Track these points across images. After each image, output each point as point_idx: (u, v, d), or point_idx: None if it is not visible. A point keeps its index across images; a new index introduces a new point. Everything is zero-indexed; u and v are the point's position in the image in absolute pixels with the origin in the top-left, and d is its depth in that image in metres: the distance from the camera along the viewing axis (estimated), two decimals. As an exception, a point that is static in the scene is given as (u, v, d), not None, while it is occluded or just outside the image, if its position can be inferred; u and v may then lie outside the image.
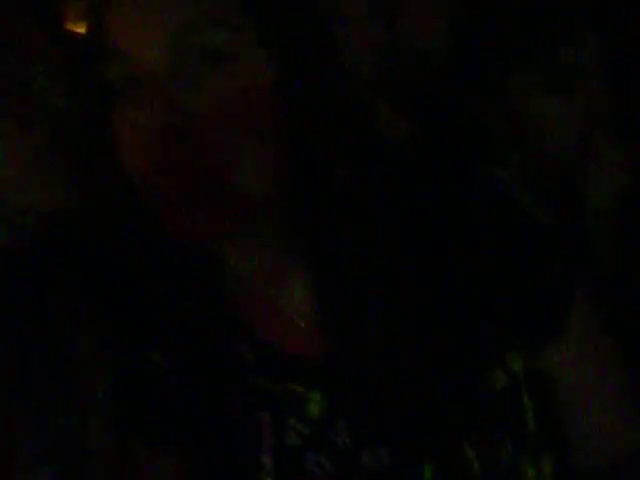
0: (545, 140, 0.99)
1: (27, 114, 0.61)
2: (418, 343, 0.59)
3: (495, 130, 1.00)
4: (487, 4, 1.02)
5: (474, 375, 0.61)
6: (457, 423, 0.60)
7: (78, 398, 0.65)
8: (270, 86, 0.55)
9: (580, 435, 0.68)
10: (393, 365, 0.59)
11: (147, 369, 0.65)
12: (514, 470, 0.62)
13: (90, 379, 0.66)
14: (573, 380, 0.67)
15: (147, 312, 0.64)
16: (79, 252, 0.66)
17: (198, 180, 0.53)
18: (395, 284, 0.59)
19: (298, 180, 0.57)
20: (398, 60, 1.46)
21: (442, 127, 1.11)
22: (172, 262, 0.62)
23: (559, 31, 0.94)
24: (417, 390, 0.59)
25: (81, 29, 0.65)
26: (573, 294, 0.65)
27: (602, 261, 0.96)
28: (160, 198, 0.55)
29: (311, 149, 0.57)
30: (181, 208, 0.54)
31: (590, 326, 0.67)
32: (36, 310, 0.65)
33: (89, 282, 0.66)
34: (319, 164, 0.57)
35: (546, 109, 0.97)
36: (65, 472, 0.62)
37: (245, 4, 0.54)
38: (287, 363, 0.63)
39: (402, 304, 0.59)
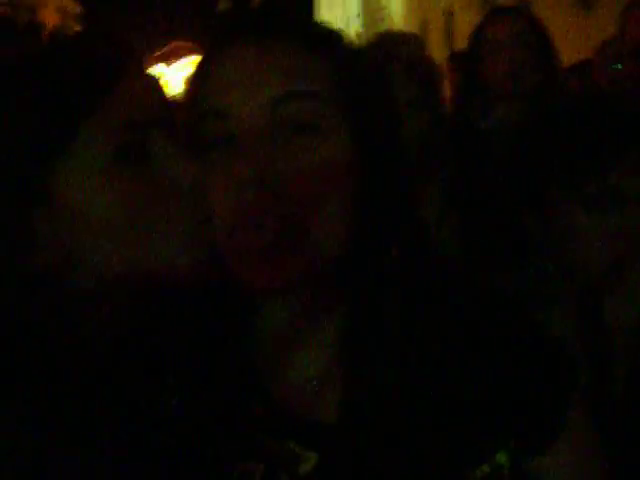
0: (578, 254, 1.04)
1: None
2: (415, 427, 0.64)
3: (535, 238, 1.07)
4: (548, 123, 1.09)
5: (459, 464, 0.65)
6: None
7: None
8: (346, 156, 0.63)
9: None
10: (389, 442, 0.64)
11: (160, 411, 0.69)
12: None
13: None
14: None
15: (173, 354, 0.69)
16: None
17: (277, 233, 0.60)
18: (408, 371, 0.64)
19: (360, 249, 0.64)
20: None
21: (488, 226, 1.18)
22: (213, 315, 0.68)
23: (607, 157, 1.00)
24: (404, 469, 0.64)
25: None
26: (567, 408, 0.70)
27: (612, 379, 0.99)
28: (240, 247, 0.61)
29: (376, 225, 0.65)
30: (256, 257, 0.61)
31: (583, 440, 0.72)
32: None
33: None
34: (381, 240, 0.65)
35: (584, 226, 1.02)
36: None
37: (334, 84, 0.63)
38: (291, 423, 0.67)
39: (409, 392, 0.64)
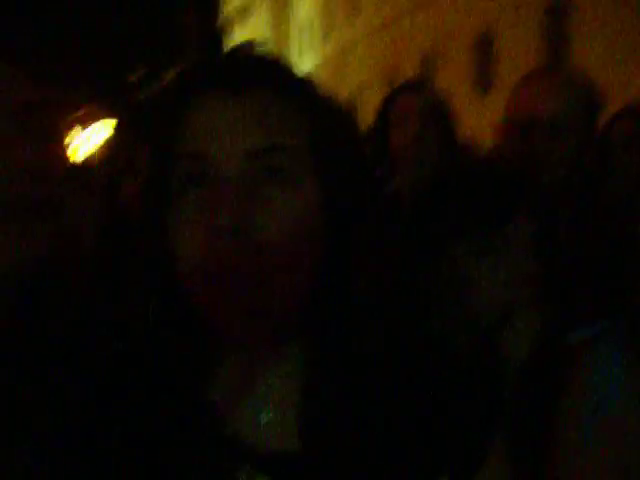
0: (475, 300, 1.16)
1: None
2: (365, 459, 0.69)
3: (437, 287, 1.18)
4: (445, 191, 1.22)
5: None
6: None
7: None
8: (317, 206, 0.67)
9: None
10: (342, 469, 0.68)
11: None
12: None
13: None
14: None
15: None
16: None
17: (254, 282, 0.62)
18: (363, 404, 0.70)
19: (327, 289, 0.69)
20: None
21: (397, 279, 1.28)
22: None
23: (495, 213, 1.14)
24: None
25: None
26: (492, 437, 0.77)
27: (513, 411, 1.10)
28: (215, 294, 0.63)
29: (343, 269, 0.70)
30: (233, 306, 0.63)
31: (501, 466, 0.80)
32: None
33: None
34: (347, 282, 0.70)
35: (477, 274, 1.14)
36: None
37: (308, 136, 0.68)
38: (244, 451, 0.69)
39: (360, 430, 0.70)
